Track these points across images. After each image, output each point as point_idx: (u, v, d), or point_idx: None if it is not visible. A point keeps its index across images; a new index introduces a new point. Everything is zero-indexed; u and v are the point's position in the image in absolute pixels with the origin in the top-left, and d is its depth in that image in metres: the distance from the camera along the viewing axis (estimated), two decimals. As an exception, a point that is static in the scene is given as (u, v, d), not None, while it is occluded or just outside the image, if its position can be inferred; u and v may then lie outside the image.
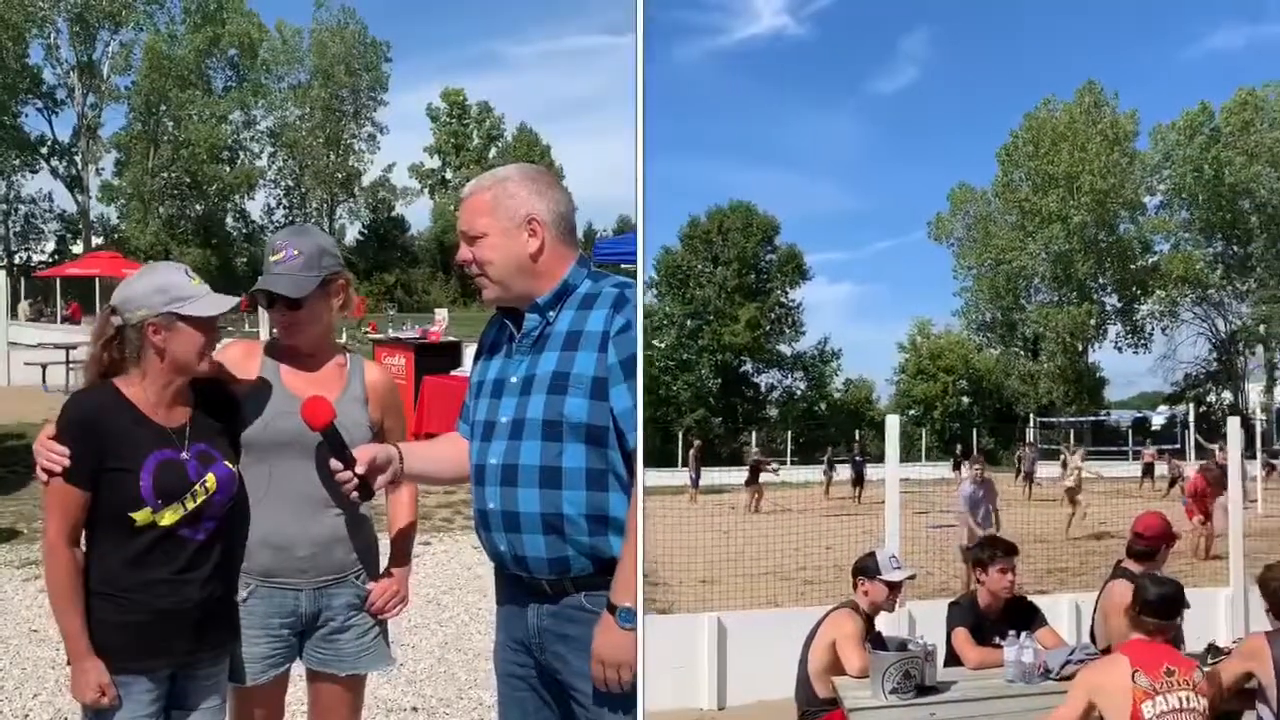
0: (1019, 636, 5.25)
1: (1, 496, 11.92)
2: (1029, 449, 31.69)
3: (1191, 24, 67.66)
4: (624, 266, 16.25)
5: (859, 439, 35.44)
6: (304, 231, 3.53)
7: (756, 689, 7.44)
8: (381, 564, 3.68)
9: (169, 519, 3.16)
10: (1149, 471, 28.40)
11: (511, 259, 3.12)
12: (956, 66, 63.77)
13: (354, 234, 74.05)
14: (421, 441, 3.75)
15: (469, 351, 14.91)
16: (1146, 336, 50.47)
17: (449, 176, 75.06)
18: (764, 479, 23.93)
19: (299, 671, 3.59)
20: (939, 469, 31.73)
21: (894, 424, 8.44)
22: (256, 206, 69.58)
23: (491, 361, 3.28)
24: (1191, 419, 37.80)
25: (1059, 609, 8.00)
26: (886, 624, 6.06)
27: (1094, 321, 49.09)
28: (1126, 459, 34.37)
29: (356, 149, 70.98)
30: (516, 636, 3.23)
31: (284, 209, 69.94)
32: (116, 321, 3.22)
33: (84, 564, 3.18)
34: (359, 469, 3.14)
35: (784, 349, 53.08)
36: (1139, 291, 49.57)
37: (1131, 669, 4.16)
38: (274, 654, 3.46)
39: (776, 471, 27.62)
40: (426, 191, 76.37)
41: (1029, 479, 26.69)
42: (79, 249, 59.96)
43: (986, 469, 14.05)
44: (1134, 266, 49.16)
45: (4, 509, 11.31)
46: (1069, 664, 5.14)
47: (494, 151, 74.39)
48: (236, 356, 3.52)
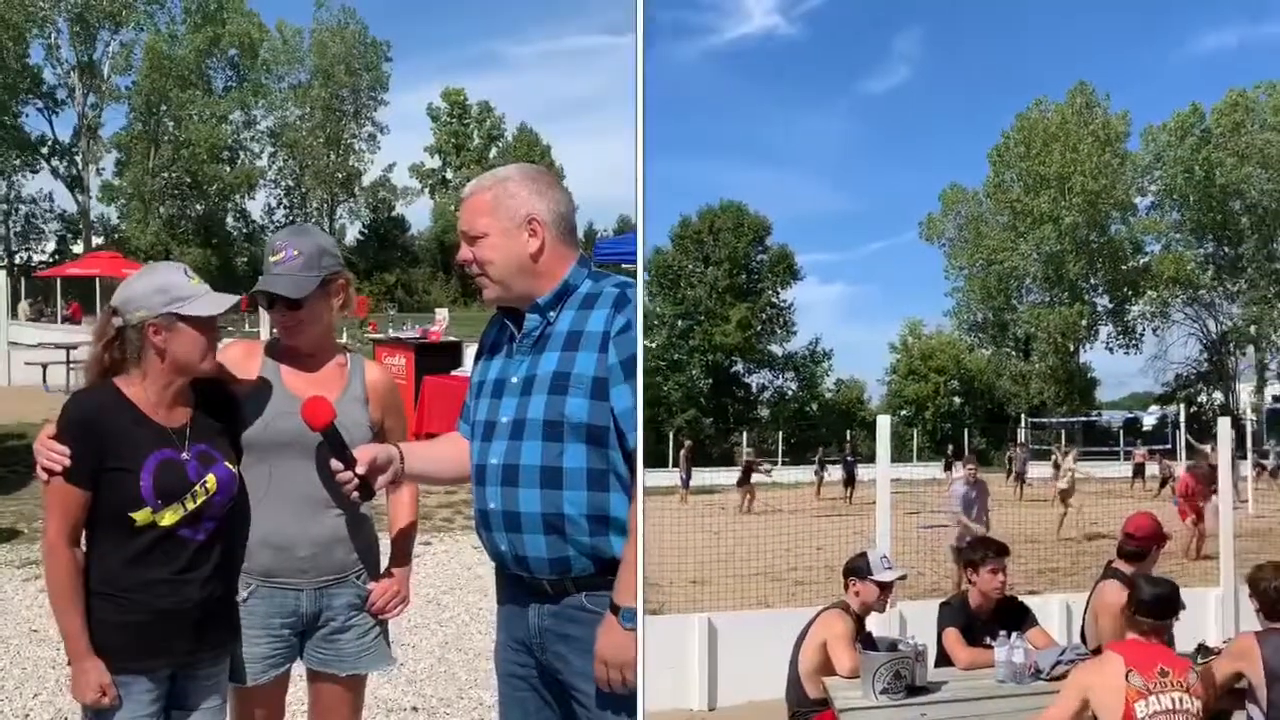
0: (1010, 637, 5.26)
1: (2, 496, 11.91)
2: (1020, 449, 31.77)
3: (1183, 25, 67.95)
4: (624, 266, 16.25)
5: (850, 439, 35.53)
6: (304, 231, 3.53)
7: (747, 689, 7.42)
8: (382, 564, 3.68)
9: (169, 519, 3.16)
10: (1140, 472, 28.47)
11: (512, 259, 3.12)
12: (948, 67, 64.08)
13: (354, 234, 74.34)
14: (422, 441, 3.74)
15: (469, 351, 14.93)
16: (1137, 337, 50.67)
17: (449, 176, 75.12)
18: (755, 479, 23.94)
19: (299, 671, 3.60)
20: (930, 469, 31.75)
21: (885, 424, 8.42)
22: (257, 206, 69.80)
23: (492, 361, 3.28)
24: (1182, 419, 37.77)
25: (1050, 609, 8.01)
26: (877, 624, 6.07)
27: (1085, 322, 49.19)
28: (1118, 459, 34.39)
29: (357, 149, 71.10)
30: (517, 636, 3.22)
31: (284, 209, 70.03)
32: (117, 323, 3.21)
33: (84, 564, 3.18)
34: (359, 469, 3.14)
35: (775, 349, 53.23)
36: (1130, 292, 49.68)
37: (1125, 668, 4.17)
38: (274, 654, 3.46)
39: (769, 473, 27.62)
40: (427, 191, 76.59)
41: (1020, 479, 26.75)
42: (79, 249, 59.89)
43: (979, 469, 14.04)
44: (1125, 267, 49.28)
45: (4, 509, 11.31)
46: (1059, 664, 5.15)
47: (494, 151, 74.44)
48: (237, 356, 3.52)
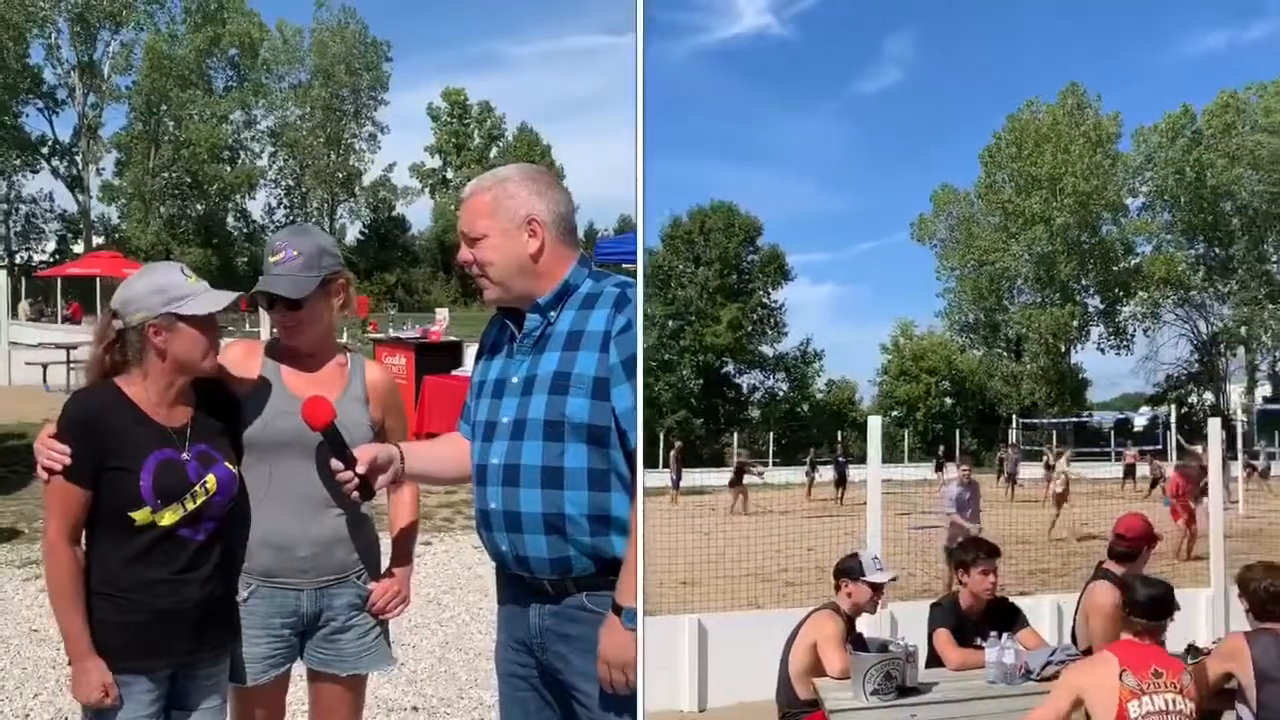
0: (1000, 637, 5.25)
1: (2, 496, 11.91)
2: (1011, 450, 31.79)
3: (1174, 27, 68.14)
4: (625, 266, 16.25)
5: (841, 440, 35.51)
6: (304, 231, 3.53)
7: (737, 690, 7.40)
8: (383, 564, 3.68)
9: (169, 519, 3.17)
10: (1131, 473, 28.49)
11: (512, 260, 3.12)
12: (940, 68, 64.11)
13: (355, 234, 74.51)
14: (422, 441, 3.75)
15: (470, 351, 14.99)
16: (1129, 338, 50.78)
17: (450, 176, 75.20)
18: (746, 480, 23.93)
19: (300, 671, 3.60)
20: (921, 470, 31.75)
21: (876, 425, 8.41)
22: (257, 206, 69.90)
23: (493, 361, 3.29)
24: (1173, 420, 37.91)
25: (1041, 610, 8.00)
26: (868, 625, 6.05)
27: (1076, 323, 49.27)
28: (1109, 460, 34.44)
29: (357, 148, 71.25)
30: (518, 636, 3.23)
31: (285, 209, 70.16)
32: (117, 325, 3.22)
33: (84, 564, 3.18)
34: (360, 469, 3.15)
35: (766, 350, 53.21)
36: (1121, 293, 49.77)
37: (1120, 668, 4.18)
38: (275, 654, 3.46)
39: (761, 474, 27.62)
40: (427, 191, 76.66)
41: (1011, 480, 26.77)
42: (80, 249, 59.96)
43: (973, 470, 14.04)
44: (1116, 268, 49.36)
45: (5, 509, 11.31)
46: (1050, 665, 5.15)
47: (495, 151, 74.54)
48: (237, 356, 3.52)
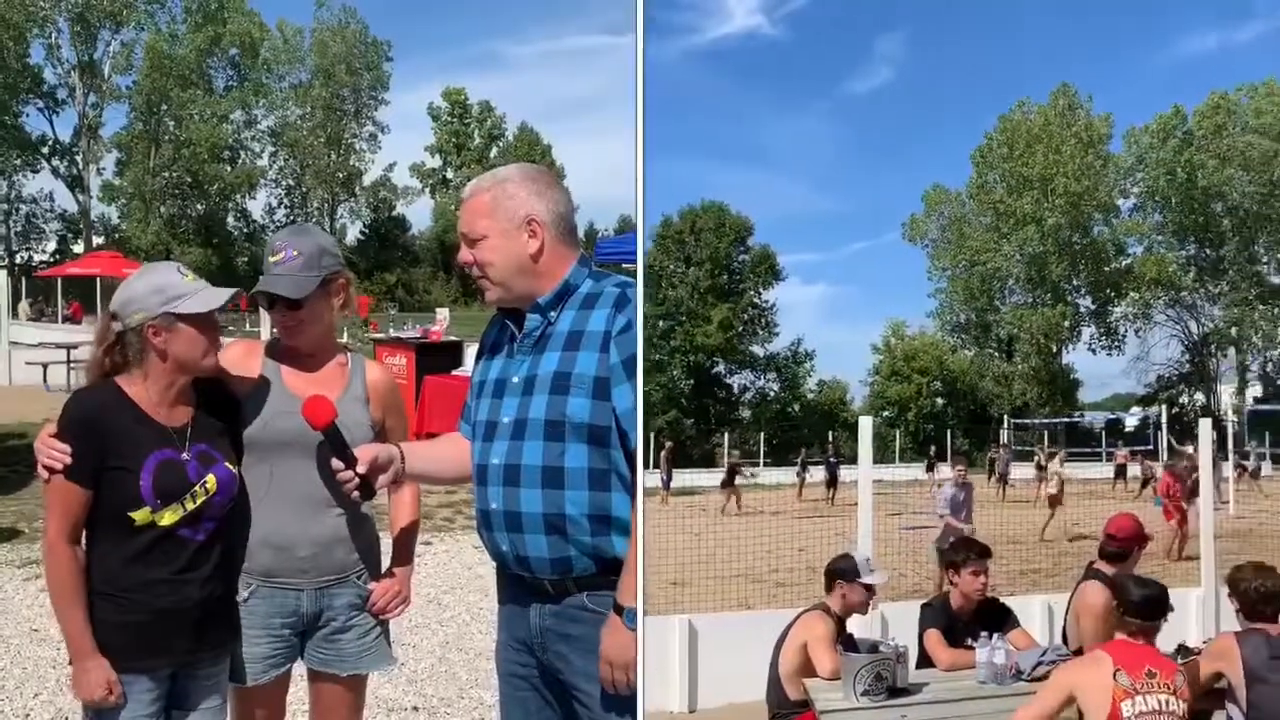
0: (991, 638, 5.25)
1: (3, 496, 11.91)
2: (1003, 450, 31.82)
3: (1165, 28, 68.27)
4: (625, 266, 16.30)
5: (832, 440, 35.62)
6: (304, 231, 3.53)
7: (727, 691, 7.38)
8: (383, 563, 3.68)
9: (168, 519, 3.16)
10: (1122, 473, 28.56)
11: (512, 260, 3.12)
12: (931, 68, 64.24)
13: (355, 233, 74.56)
14: (423, 441, 3.75)
15: (470, 351, 14.98)
16: (1120, 338, 50.89)
17: (450, 176, 75.22)
18: (738, 481, 23.92)
19: (300, 671, 3.60)
20: (913, 470, 31.80)
21: (867, 425, 8.39)
22: (258, 206, 69.92)
23: (493, 361, 3.29)
24: (1164, 420, 37.98)
25: (1031, 610, 7.99)
26: (859, 626, 6.05)
27: (1068, 323, 49.36)
28: (1100, 460, 34.51)
29: (357, 148, 71.30)
30: (518, 636, 3.23)
31: (285, 208, 70.20)
32: (117, 327, 3.22)
33: (85, 563, 3.18)
34: (360, 468, 3.15)
35: (757, 350, 53.28)
36: (1112, 293, 49.87)
37: (1114, 668, 4.19)
38: (275, 654, 3.46)
39: (755, 476, 27.65)
40: (427, 191, 76.70)
41: (1003, 480, 26.78)
42: (80, 249, 59.95)
43: (969, 471, 14.02)
44: (1107, 269, 49.47)
45: (5, 508, 11.31)
46: (1040, 665, 5.14)
47: (495, 151, 74.60)
48: (237, 356, 3.52)
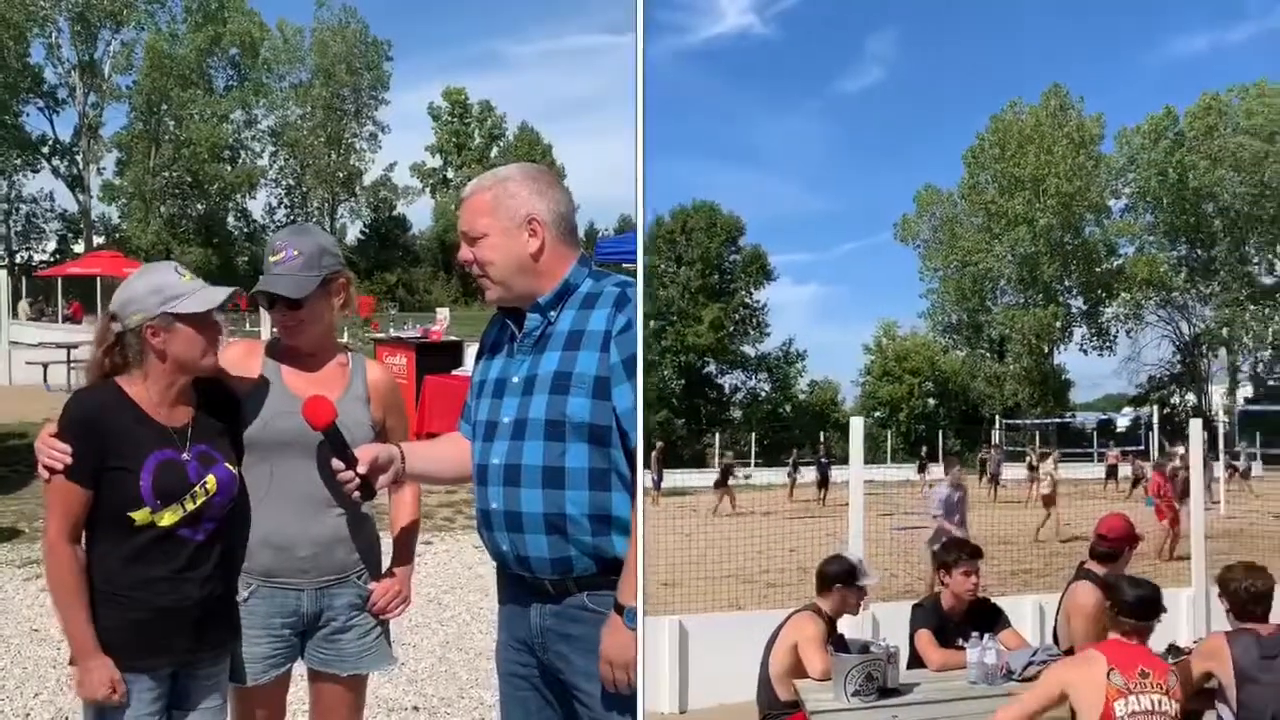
0: (982, 638, 5.24)
1: (3, 495, 11.92)
2: (994, 451, 31.85)
3: (1156, 29, 68.32)
4: (625, 266, 16.32)
5: (824, 441, 35.56)
6: (304, 231, 3.53)
7: (718, 692, 7.36)
8: (384, 563, 3.68)
9: (168, 519, 3.16)
10: (1113, 473, 28.59)
11: (512, 259, 3.12)
12: (922, 68, 64.18)
13: (355, 233, 74.53)
14: (423, 441, 3.76)
15: (470, 351, 15.00)
16: (1111, 339, 50.90)
17: (450, 176, 75.23)
18: (731, 482, 23.93)
19: (300, 671, 3.60)
20: (904, 471, 31.81)
21: (858, 426, 8.39)
22: (258, 206, 69.90)
23: (493, 361, 3.29)
24: (1155, 421, 38.04)
25: (1022, 610, 7.99)
26: (849, 626, 6.04)
27: (1059, 324, 49.39)
28: (1091, 461, 34.55)
29: (358, 148, 71.26)
30: (519, 636, 3.23)
31: (285, 208, 70.20)
32: (116, 328, 3.22)
33: (85, 562, 3.18)
34: (361, 469, 3.15)
35: (748, 350, 53.21)
36: (1104, 294, 49.88)
37: (1108, 667, 4.21)
38: (275, 654, 3.46)
39: (749, 478, 27.66)
40: (428, 191, 76.67)
41: (994, 481, 26.80)
42: (80, 248, 59.97)
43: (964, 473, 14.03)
44: (1099, 269, 49.50)
45: (5, 508, 11.31)
46: (1031, 665, 5.15)
47: (495, 150, 74.63)
48: (237, 356, 3.52)
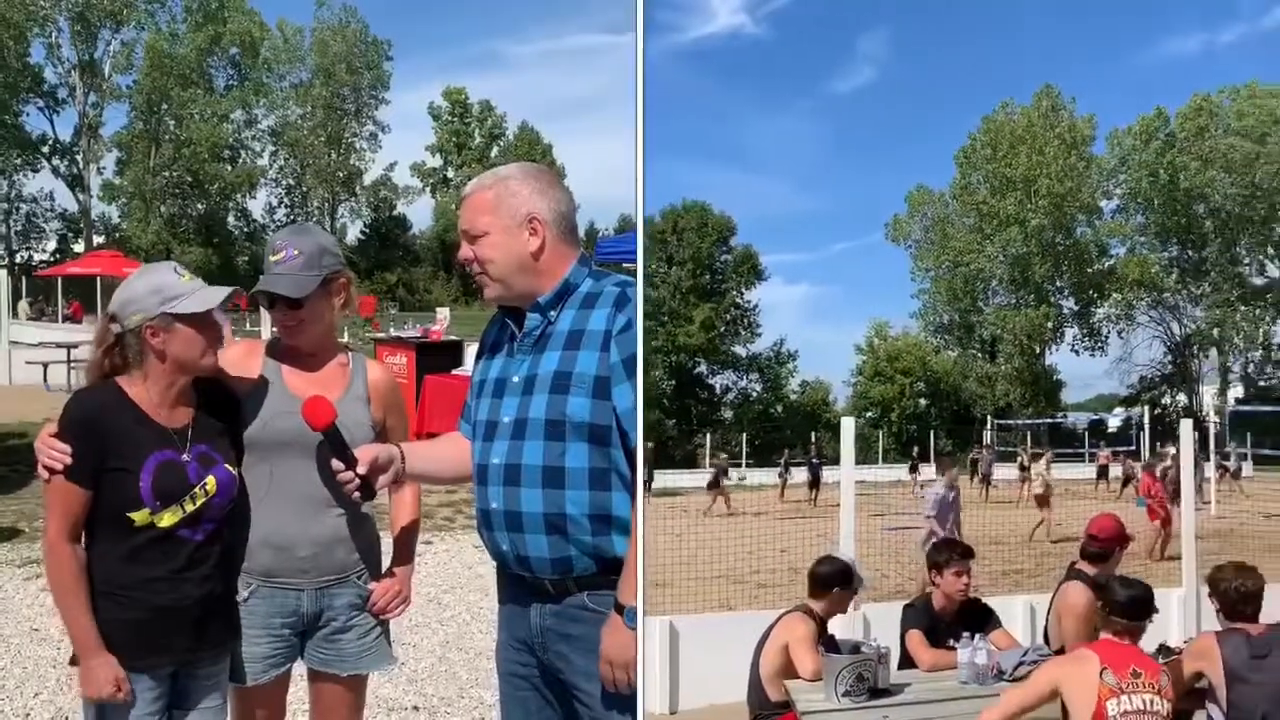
0: (973, 638, 5.24)
1: (3, 495, 11.91)
2: (986, 451, 31.86)
3: (1148, 30, 68.39)
4: (625, 265, 16.33)
5: (815, 441, 35.60)
6: (304, 231, 3.53)
7: (709, 692, 7.35)
8: (384, 563, 3.68)
9: (168, 520, 3.16)
10: (1104, 473, 28.63)
11: (513, 258, 3.12)
12: (914, 68, 64.07)
13: (355, 233, 74.53)
14: (423, 441, 3.76)
15: (470, 350, 14.93)
16: (1103, 339, 50.95)
17: (451, 175, 75.22)
18: (724, 482, 23.91)
19: (300, 671, 3.60)
20: (896, 471, 31.83)
21: (849, 426, 8.38)
22: (258, 205, 69.91)
23: (493, 361, 3.29)
24: (1147, 421, 38.10)
25: (1013, 611, 7.98)
26: (840, 627, 6.03)
27: (1051, 324, 49.43)
28: (1082, 461, 34.60)
29: (358, 148, 71.26)
30: (519, 636, 3.23)
31: (285, 208, 70.23)
32: (115, 329, 3.21)
33: (85, 561, 3.17)
34: (361, 469, 3.15)
35: (739, 350, 53.13)
36: (1095, 294, 49.94)
37: (1100, 666, 4.22)
38: (275, 654, 3.46)
39: (744, 479, 27.68)
40: (428, 190, 76.67)
41: (986, 481, 26.81)
42: (80, 248, 59.94)
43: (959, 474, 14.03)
44: (1090, 270, 49.54)
45: (5, 508, 11.31)
46: (1022, 665, 5.13)
47: (495, 150, 74.60)
48: (238, 356, 3.52)
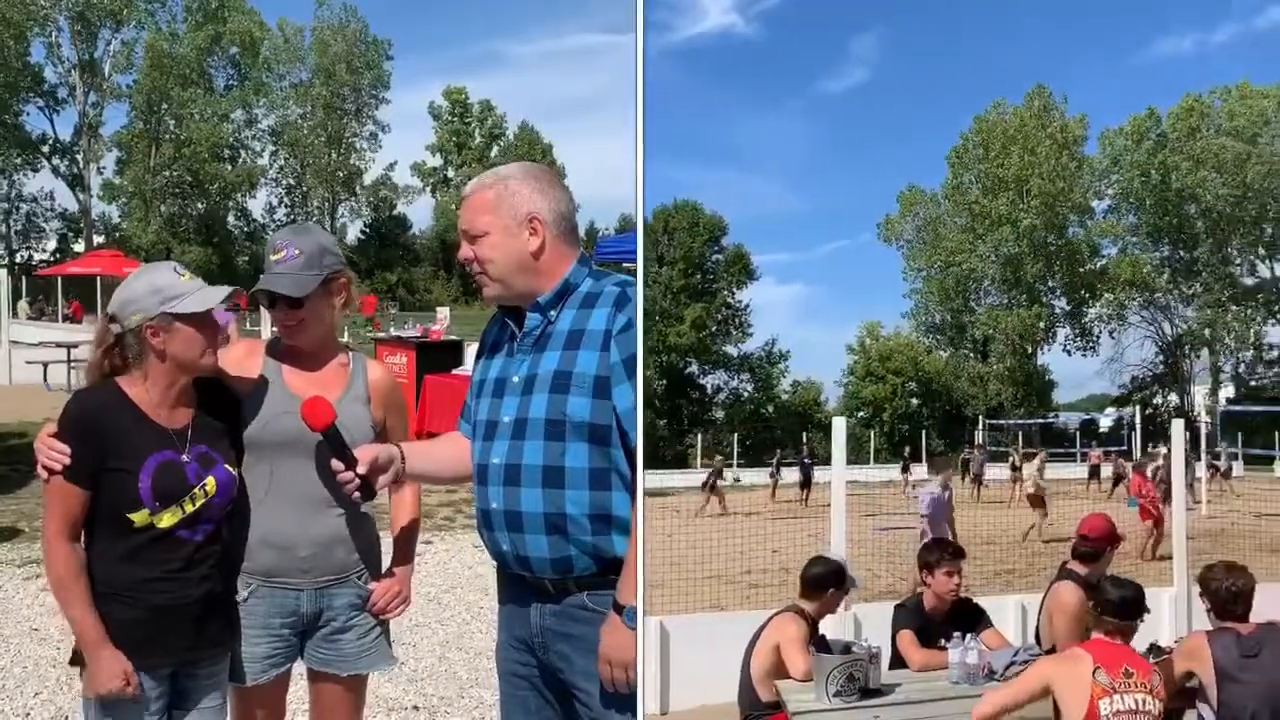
0: (964, 638, 5.23)
1: (3, 495, 11.91)
2: (977, 451, 31.88)
3: (1140, 30, 68.57)
4: (625, 265, 16.32)
5: (806, 441, 35.63)
6: (304, 230, 3.52)
7: (700, 693, 7.32)
8: (384, 563, 3.68)
9: (167, 521, 3.16)
10: (1096, 473, 28.67)
11: (513, 257, 3.12)
12: (906, 68, 64.35)
13: (355, 232, 74.60)
14: (423, 441, 3.75)
15: (471, 350, 14.91)
16: (1094, 339, 51.15)
17: (451, 175, 75.20)
18: (718, 482, 23.88)
19: (300, 671, 3.60)
20: (887, 471, 31.85)
21: (840, 426, 8.35)
22: (258, 205, 69.91)
23: (493, 361, 3.28)
24: (1138, 421, 38.17)
25: (1005, 610, 7.98)
26: (831, 627, 6.02)
27: (1043, 324, 49.59)
28: (1074, 461, 34.65)
29: (358, 147, 71.26)
30: (519, 635, 3.23)
31: (285, 207, 70.19)
32: (115, 329, 3.21)
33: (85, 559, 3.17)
34: (360, 469, 3.15)
35: (731, 350, 53.24)
36: (1087, 294, 50.08)
37: (1093, 665, 4.24)
38: (275, 654, 3.46)
39: (738, 480, 27.68)
40: (428, 190, 76.66)
41: (978, 481, 26.82)
42: (80, 248, 59.95)
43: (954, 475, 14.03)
44: (1082, 270, 49.68)
45: (5, 507, 11.31)
46: (1013, 665, 5.14)
47: (496, 150, 74.60)
48: (238, 356, 3.51)
